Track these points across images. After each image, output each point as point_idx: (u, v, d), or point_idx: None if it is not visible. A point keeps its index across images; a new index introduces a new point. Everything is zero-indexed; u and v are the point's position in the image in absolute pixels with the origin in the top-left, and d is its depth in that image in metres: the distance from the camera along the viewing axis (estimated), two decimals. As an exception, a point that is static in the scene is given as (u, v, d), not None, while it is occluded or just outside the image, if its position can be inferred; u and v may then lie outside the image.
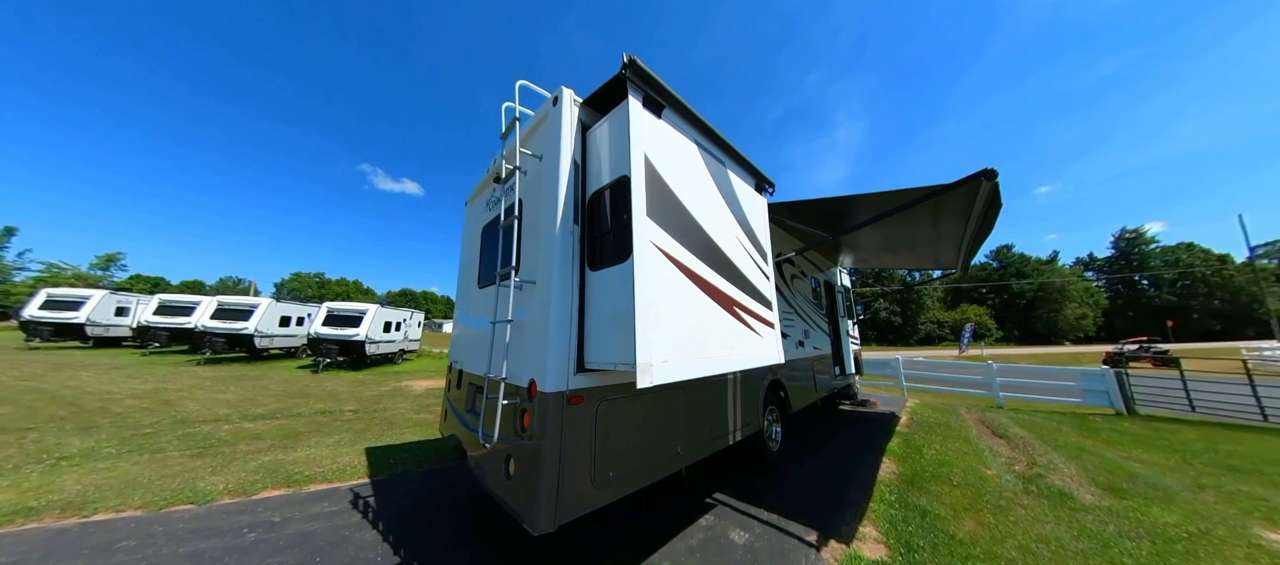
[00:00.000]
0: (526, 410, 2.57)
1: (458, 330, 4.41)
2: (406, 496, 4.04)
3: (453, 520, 3.60)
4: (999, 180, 2.90)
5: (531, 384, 2.57)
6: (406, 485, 4.32)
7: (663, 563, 2.89)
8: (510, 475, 2.59)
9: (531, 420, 2.53)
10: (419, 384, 12.53)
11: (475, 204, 4.49)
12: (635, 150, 2.37)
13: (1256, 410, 7.76)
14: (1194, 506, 4.01)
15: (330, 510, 3.72)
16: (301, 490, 4.12)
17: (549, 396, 2.44)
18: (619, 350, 2.28)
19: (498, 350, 2.78)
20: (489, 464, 2.89)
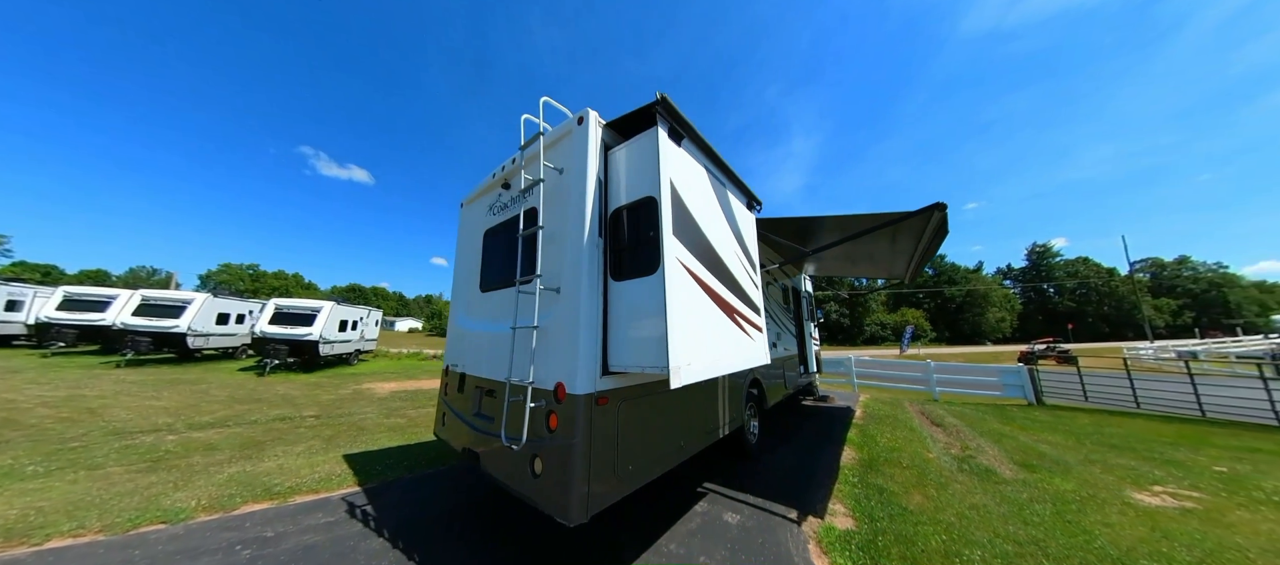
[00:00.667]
0: (553, 412, 2.70)
1: (456, 333, 4.35)
2: (405, 503, 3.99)
3: (460, 523, 3.62)
4: (947, 212, 3.54)
5: (559, 387, 2.71)
6: (402, 491, 4.28)
7: (658, 562, 3.03)
8: (537, 474, 2.71)
9: (559, 421, 2.66)
10: (382, 386, 12.06)
11: (474, 207, 4.47)
12: (663, 176, 2.66)
13: (1132, 400, 9.36)
14: (1085, 476, 4.94)
15: (326, 521, 3.59)
16: (287, 503, 3.93)
17: (579, 398, 2.60)
18: (649, 355, 2.54)
19: (523, 354, 2.89)
20: (511, 464, 2.96)
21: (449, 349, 4.39)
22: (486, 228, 4.16)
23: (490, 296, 3.95)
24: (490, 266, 4.08)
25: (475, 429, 3.49)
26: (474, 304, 4.18)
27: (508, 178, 3.79)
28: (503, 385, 3.20)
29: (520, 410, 2.75)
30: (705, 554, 3.09)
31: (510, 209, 3.79)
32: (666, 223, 2.61)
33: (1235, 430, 7.22)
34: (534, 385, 2.77)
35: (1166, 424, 7.80)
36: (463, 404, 3.80)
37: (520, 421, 2.71)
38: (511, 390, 2.89)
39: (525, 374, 2.81)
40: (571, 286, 2.82)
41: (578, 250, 2.83)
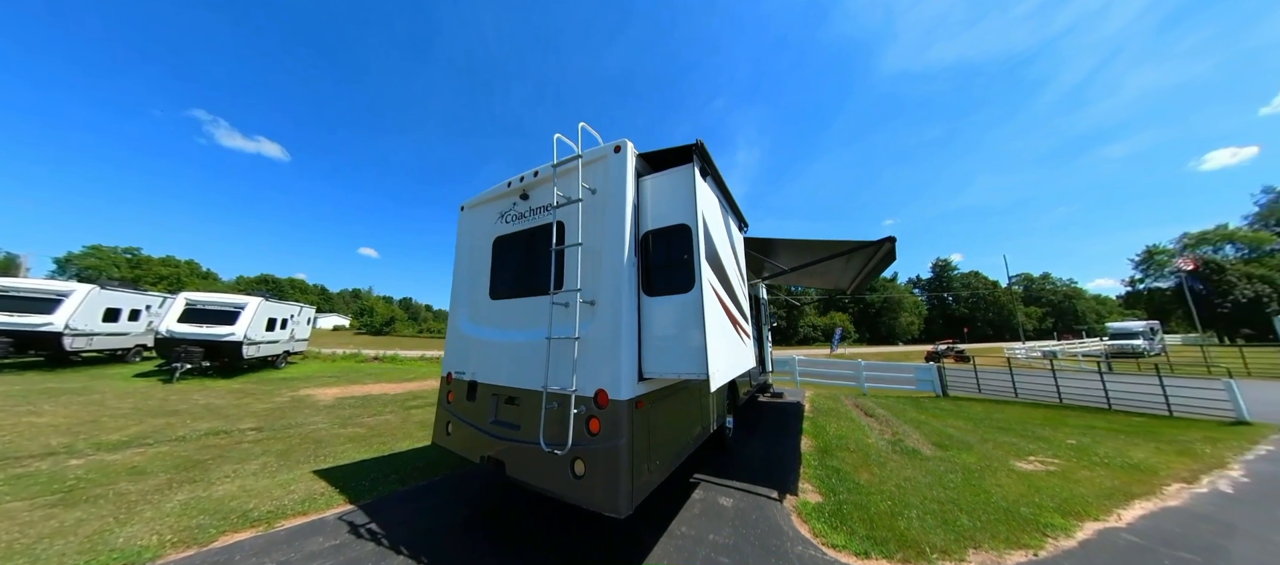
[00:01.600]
0: (594, 416, 2.91)
1: (460, 339, 4.26)
2: (412, 517, 3.86)
3: (479, 531, 3.63)
4: (895, 244, 4.46)
5: (600, 393, 2.92)
6: (403, 505, 4.11)
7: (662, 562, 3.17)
8: (579, 475, 2.87)
9: (601, 425, 2.87)
10: (323, 393, 11.24)
11: (479, 212, 4.46)
12: (697, 208, 3.11)
13: (1012, 391, 11.52)
14: (982, 451, 6.23)
15: (330, 545, 3.35)
16: (274, 528, 3.61)
17: (623, 404, 2.85)
18: (690, 362, 2.93)
19: (563, 363, 3.05)
20: (546, 467, 3.04)
21: (451, 356, 4.31)
22: (497, 235, 4.20)
23: (503, 304, 4.01)
24: (502, 274, 4.13)
25: (495, 436, 3.52)
26: (482, 311, 4.19)
27: (527, 189, 3.93)
28: (526, 393, 3.36)
29: (562, 417, 2.92)
30: (713, 532, 3.61)
31: (529, 220, 3.91)
32: (701, 248, 3.07)
33: (1081, 412, 9.27)
34: (576, 392, 2.94)
35: (1036, 409, 9.78)
36: (474, 412, 3.79)
37: (565, 427, 2.88)
38: (549, 397, 3.04)
39: (567, 382, 2.98)
40: (612, 300, 3.08)
41: (618, 267, 3.11)
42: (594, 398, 2.95)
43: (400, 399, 10.73)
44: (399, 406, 9.58)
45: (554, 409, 3.03)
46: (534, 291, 3.75)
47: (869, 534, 3.62)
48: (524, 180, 3.99)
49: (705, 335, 2.90)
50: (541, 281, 3.65)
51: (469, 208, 4.62)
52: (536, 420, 3.11)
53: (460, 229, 4.67)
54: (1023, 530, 3.72)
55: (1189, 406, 8.60)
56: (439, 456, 5.52)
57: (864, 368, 13.49)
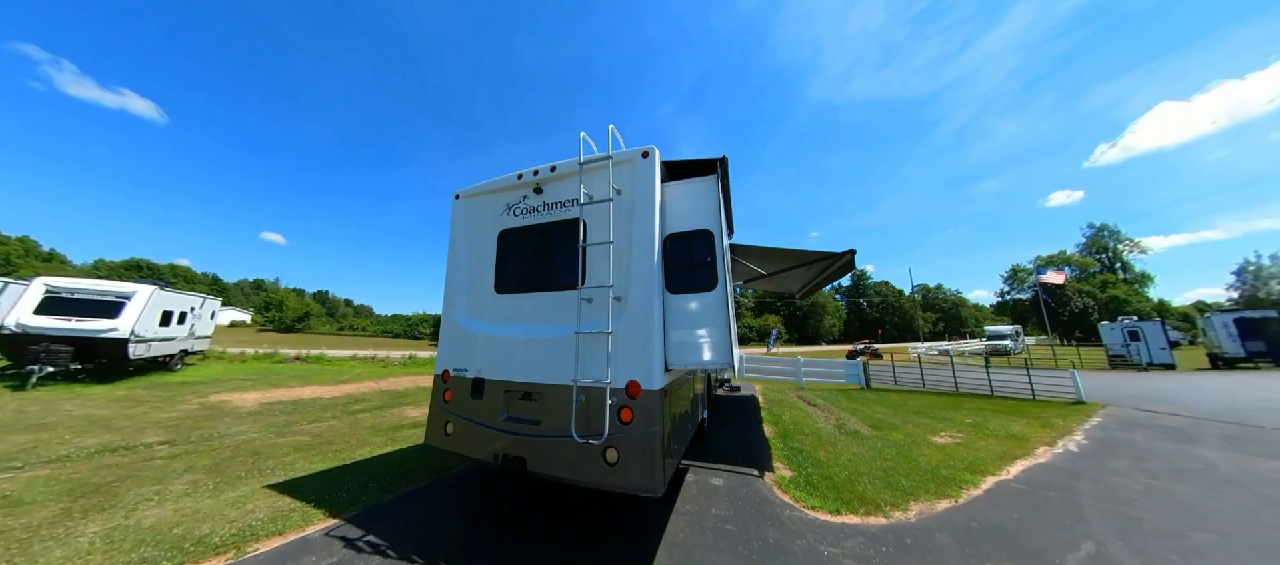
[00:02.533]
0: (625, 407, 3.05)
1: (460, 335, 4.06)
2: (412, 523, 3.68)
3: (489, 529, 3.61)
4: (855, 256, 5.32)
5: (631, 384, 3.07)
6: (399, 512, 3.91)
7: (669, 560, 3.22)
8: (612, 463, 2.99)
9: (634, 414, 3.01)
10: (243, 398, 9.98)
11: (481, 203, 4.31)
12: (719, 216, 3.49)
13: (920, 382, 13.59)
14: (907, 430, 7.46)
15: (331, 562, 3.11)
16: (248, 554, 3.23)
17: (655, 393, 3.04)
18: (715, 355, 3.27)
19: (594, 357, 3.17)
20: (575, 459, 3.10)
21: (448, 353, 4.08)
22: (505, 228, 4.11)
23: (512, 299, 3.95)
24: (510, 268, 4.05)
25: (511, 433, 3.48)
26: (485, 305, 4.07)
27: (542, 183, 3.94)
28: (547, 387, 3.37)
29: (595, 408, 3.05)
30: (713, 507, 4.10)
31: (543, 214, 3.92)
32: (722, 252, 3.47)
33: (973, 398, 11.26)
34: (611, 385, 3.06)
35: (940, 397, 11.67)
36: (482, 410, 3.68)
37: (600, 419, 3.02)
38: (579, 391, 3.12)
39: (601, 375, 3.09)
40: (644, 297, 3.26)
41: (648, 266, 3.30)
42: (625, 389, 3.09)
43: (340, 403, 9.97)
44: (341, 411, 8.94)
45: (583, 402, 3.11)
46: (549, 286, 3.79)
47: (836, 497, 4.35)
48: (538, 174, 3.99)
49: (730, 330, 3.33)
50: (558, 276, 3.73)
51: (467, 197, 4.41)
52: (560, 414, 3.21)
53: (456, 219, 4.42)
54: (945, 486, 4.69)
55: (1046, 391, 10.88)
56: (420, 461, 5.39)
57: (803, 364, 15.02)
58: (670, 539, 3.46)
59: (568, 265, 3.67)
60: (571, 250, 3.65)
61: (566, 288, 3.63)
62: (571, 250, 3.65)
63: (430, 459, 5.42)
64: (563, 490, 4.18)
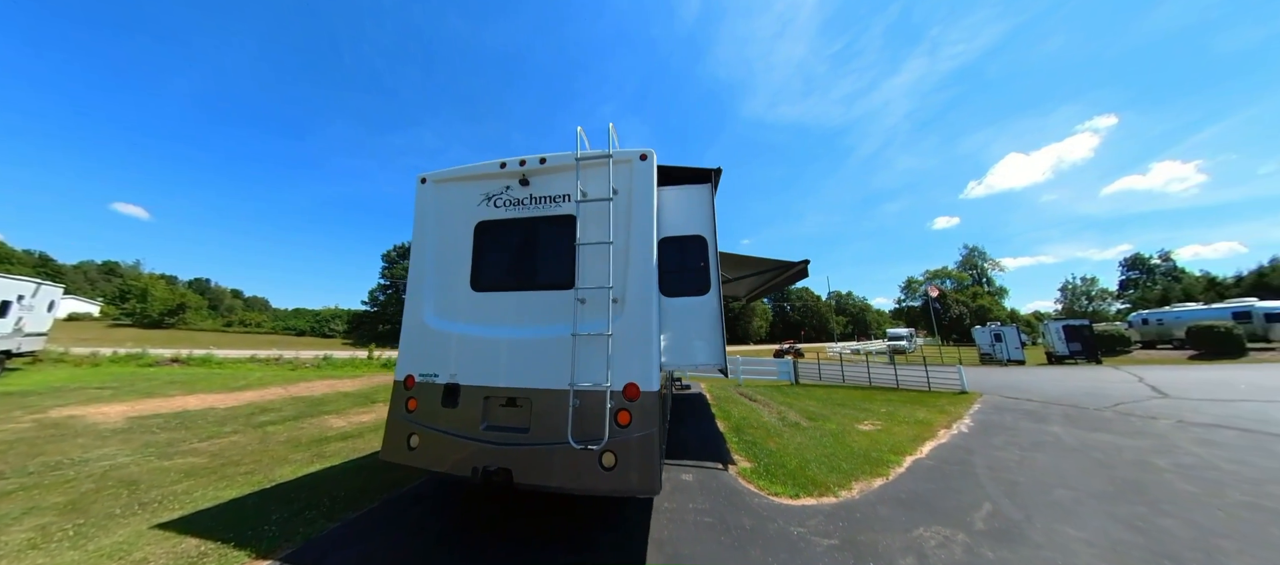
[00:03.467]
0: (623, 409, 3.02)
1: (428, 337, 3.69)
2: (373, 552, 3.31)
3: (465, 547, 3.41)
4: (807, 266, 5.90)
5: (629, 386, 3.06)
6: (353, 542, 3.44)
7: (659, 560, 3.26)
8: (609, 467, 2.94)
9: (631, 416, 2.99)
10: (102, 411, 8.22)
11: (454, 190, 3.95)
12: (713, 223, 3.67)
13: (841, 377, 15.26)
14: (837, 420, 8.39)
15: None
16: None
17: (652, 394, 3.05)
18: (708, 356, 3.43)
19: (592, 360, 3.09)
20: (569, 466, 3.00)
21: (413, 356, 3.69)
22: (483, 219, 3.84)
23: (492, 298, 3.71)
24: (490, 264, 3.81)
25: (494, 444, 3.24)
26: (460, 304, 3.75)
27: (529, 175, 3.73)
28: (536, 392, 3.22)
29: (593, 412, 2.98)
30: (690, 501, 4.30)
31: (529, 208, 3.74)
32: (714, 256, 3.64)
33: (884, 391, 12.92)
34: (610, 388, 3.01)
35: (857, 390, 13.21)
36: (457, 419, 3.37)
37: (599, 423, 2.96)
38: (576, 395, 3.03)
39: (600, 378, 3.03)
40: (642, 299, 3.26)
41: (646, 269, 3.30)
42: (622, 391, 3.08)
43: (241, 414, 8.70)
44: (244, 424, 7.79)
45: (578, 406, 3.03)
46: (535, 285, 3.64)
47: (793, 482, 4.82)
48: (525, 165, 3.75)
49: (722, 332, 3.53)
50: (547, 275, 3.62)
51: (436, 182, 4.02)
52: (551, 420, 3.11)
53: (422, 206, 4.02)
54: (876, 466, 5.41)
55: (938, 383, 12.84)
56: (365, 478, 4.84)
57: (741, 363, 16.08)
58: (656, 537, 3.57)
59: (558, 263, 3.57)
60: (562, 248, 3.55)
61: (557, 287, 3.51)
62: (562, 248, 3.55)
63: (377, 475, 4.90)
64: (541, 498, 4.07)
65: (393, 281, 56.54)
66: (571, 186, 3.57)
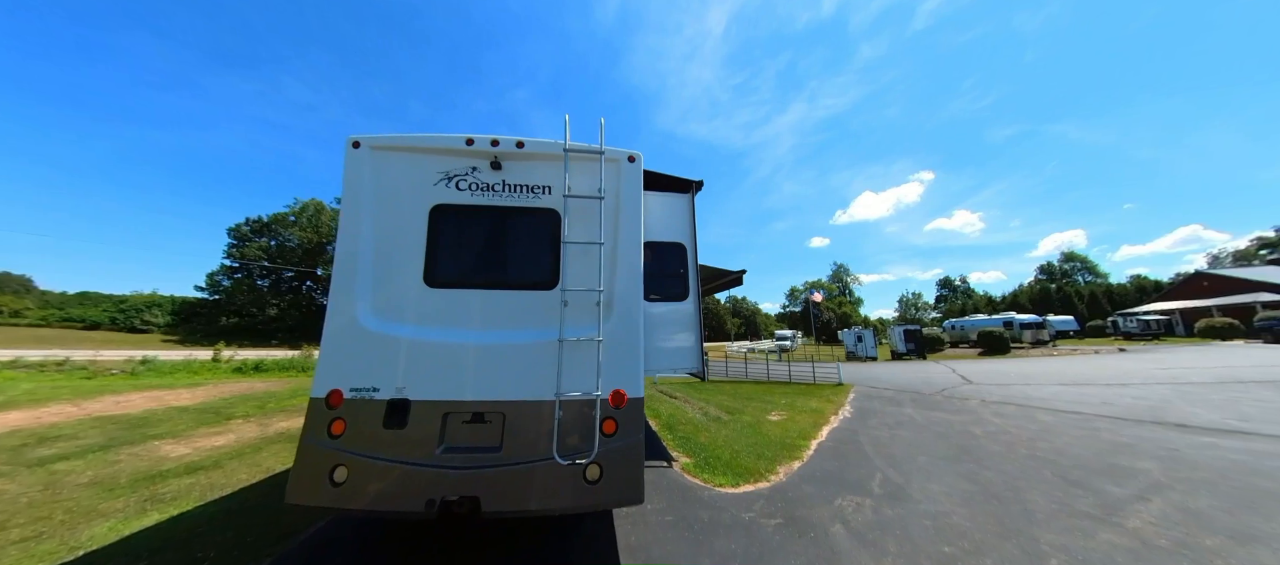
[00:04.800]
0: (609, 418, 2.90)
1: (368, 341, 3.05)
2: None
3: None
4: (744, 275, 6.54)
5: (615, 393, 2.96)
6: None
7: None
8: (593, 481, 2.81)
9: (617, 426, 2.89)
10: None
11: (402, 162, 3.37)
12: (693, 231, 3.79)
13: (744, 373, 16.96)
14: (752, 412, 9.37)
15: None
16: None
17: (638, 401, 3.00)
18: (686, 361, 3.52)
19: (581, 367, 2.95)
20: (550, 485, 2.81)
21: (344, 366, 2.99)
22: (441, 202, 3.35)
23: (452, 296, 3.23)
24: (449, 255, 3.35)
25: (457, 468, 2.82)
26: (411, 302, 3.20)
27: (501, 158, 3.39)
28: (509, 405, 2.96)
29: (578, 424, 2.84)
30: (649, 502, 4.39)
31: (501, 196, 3.38)
32: (693, 264, 3.79)
33: (780, 385, 14.73)
34: (599, 396, 2.89)
35: (758, 384, 14.84)
36: (405, 444, 2.87)
37: (588, 434, 2.82)
38: (566, 406, 2.86)
39: (590, 386, 2.91)
40: (630, 303, 3.20)
41: (634, 273, 3.25)
42: (607, 399, 2.97)
43: (4, 447, 6.46)
44: (12, 461, 5.75)
45: (561, 418, 2.85)
46: (507, 283, 3.30)
47: (731, 472, 5.31)
48: (498, 146, 3.36)
49: (700, 338, 3.72)
50: (520, 272, 3.35)
51: (375, 149, 3.35)
52: (527, 436, 2.91)
53: (356, 177, 3.32)
54: (792, 451, 6.25)
55: (821, 377, 15.10)
56: (239, 531, 3.74)
57: (659, 364, 16.86)
58: (624, 543, 3.60)
59: (535, 260, 3.35)
60: (539, 243, 3.34)
61: (534, 287, 3.26)
62: (539, 243, 3.34)
63: (256, 521, 3.93)
64: (497, 525, 3.75)
65: (245, 263, 46.49)
66: (553, 178, 3.37)
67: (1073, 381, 12.99)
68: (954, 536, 3.57)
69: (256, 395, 12.03)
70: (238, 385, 14.38)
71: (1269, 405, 8.54)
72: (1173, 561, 3.21)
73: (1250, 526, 3.67)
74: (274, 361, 19.98)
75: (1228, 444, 6.07)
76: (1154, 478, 4.86)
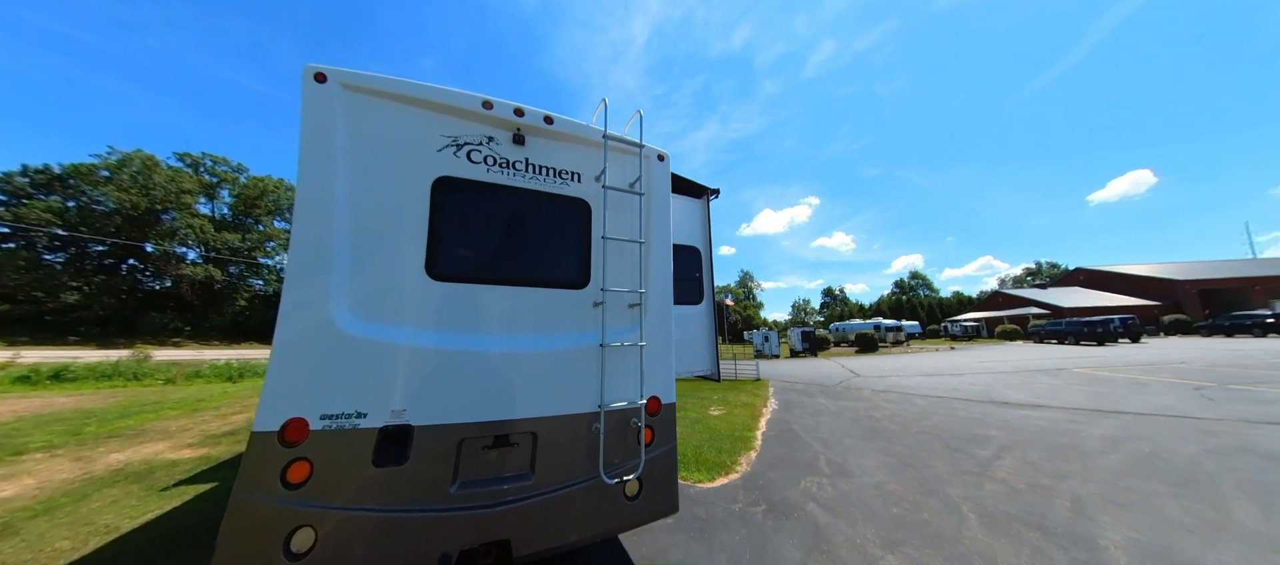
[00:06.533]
0: (646, 426, 2.78)
1: (349, 349, 2.35)
2: None
3: None
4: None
5: (652, 400, 2.88)
6: None
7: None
8: (632, 497, 2.70)
9: (654, 434, 2.80)
10: None
11: (398, 115, 2.68)
12: (707, 236, 3.96)
13: (674, 375, 17.94)
14: (694, 410, 9.97)
15: None
16: None
17: (671, 406, 2.98)
18: (701, 363, 3.67)
19: (624, 374, 2.81)
20: (590, 510, 2.62)
21: (308, 386, 2.25)
22: (446, 175, 2.76)
23: (464, 292, 2.70)
24: (460, 242, 2.84)
25: (479, 509, 2.41)
26: (409, 298, 2.58)
27: (525, 131, 2.96)
28: (541, 422, 2.65)
29: (620, 436, 2.69)
30: None
31: (525, 176, 2.95)
32: (708, 268, 3.96)
33: (710, 381, 15.82)
34: (642, 404, 2.78)
35: (688, 381, 15.73)
36: (406, 484, 2.32)
37: (632, 446, 2.68)
38: (609, 418, 2.69)
39: (634, 395, 2.77)
40: (664, 306, 3.15)
41: (666, 274, 3.20)
42: (644, 406, 2.84)
43: None
44: None
45: (598, 430, 2.68)
46: (530, 280, 2.91)
47: (703, 467, 5.67)
48: (522, 116, 2.92)
49: (715, 340, 3.89)
50: (544, 268, 3.03)
51: (350, 89, 2.58)
52: (564, 456, 2.66)
53: (318, 122, 2.49)
54: (744, 443, 6.89)
55: (742, 374, 16.62)
56: None
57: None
58: (636, 553, 3.58)
59: (563, 255, 3.07)
60: (566, 236, 3.07)
61: (562, 285, 2.98)
62: (566, 236, 3.07)
63: None
64: None
65: (22, 228, 34.84)
66: (581, 165, 3.10)
67: (928, 373, 16.27)
68: (895, 500, 4.40)
69: (64, 416, 9.06)
70: (27, 402, 10.74)
71: (1048, 386, 11.80)
72: (1032, 495, 4.41)
73: (1064, 469, 5.18)
74: (86, 367, 15.27)
75: (1036, 415, 8.32)
76: (1001, 442, 6.48)
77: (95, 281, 37.64)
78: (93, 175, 38.53)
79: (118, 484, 5.10)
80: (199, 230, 45.50)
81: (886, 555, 3.34)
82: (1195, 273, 51.36)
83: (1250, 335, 29.42)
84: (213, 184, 50.36)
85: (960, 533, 3.67)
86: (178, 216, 43.81)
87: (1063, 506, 4.13)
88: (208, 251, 46.31)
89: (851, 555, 3.35)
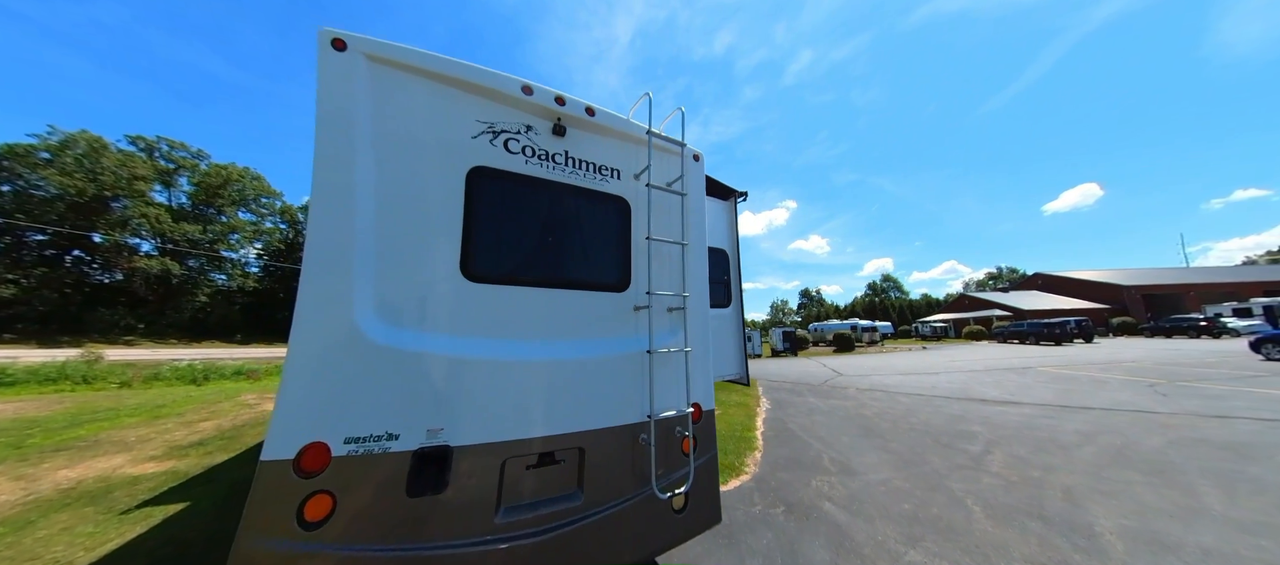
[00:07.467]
0: (687, 436, 2.68)
1: (380, 363, 2.07)
2: None
3: None
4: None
5: (696, 408, 2.77)
6: None
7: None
8: (679, 510, 2.60)
9: (695, 441, 2.68)
10: None
11: (424, 92, 2.39)
12: (736, 240, 3.98)
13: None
14: (690, 411, 10.09)
15: None
16: None
17: (711, 413, 2.88)
18: (731, 367, 3.65)
19: (670, 383, 2.70)
20: (647, 524, 2.52)
21: (326, 405, 1.96)
22: (482, 165, 2.50)
23: (502, 294, 2.47)
24: (497, 239, 2.58)
25: (527, 537, 2.19)
26: (444, 302, 2.32)
27: (566, 121, 2.77)
28: (588, 436, 2.50)
29: (667, 447, 2.59)
30: None
31: (566, 171, 2.78)
32: (736, 271, 3.97)
33: (698, 384, 16.01)
34: (688, 412, 2.70)
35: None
36: (446, 515, 2.07)
37: (681, 456, 2.59)
38: (660, 428, 2.57)
39: (681, 403, 2.69)
40: (703, 310, 3.05)
41: (704, 277, 3.12)
42: (689, 415, 2.73)
43: None
44: None
45: (644, 441, 2.56)
46: (570, 283, 2.73)
47: (709, 462, 5.78)
48: (563, 104, 2.72)
49: (743, 344, 3.89)
50: (583, 269, 2.83)
51: (375, 60, 2.28)
52: (612, 472, 2.51)
53: (340, 96, 2.18)
54: (748, 444, 7.02)
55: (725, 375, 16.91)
56: None
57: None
58: (664, 558, 3.55)
59: (603, 255, 2.90)
60: (605, 236, 2.92)
61: (604, 288, 2.83)
62: (605, 236, 2.92)
63: None
64: None
65: None
66: (620, 161, 2.96)
67: (905, 372, 16.96)
68: (904, 496, 4.59)
69: (2, 426, 7.84)
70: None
71: (1019, 384, 12.51)
72: (1026, 487, 4.68)
73: (1050, 462, 5.52)
74: (26, 369, 13.98)
75: (1012, 411, 8.81)
76: (987, 437, 6.85)
77: (35, 274, 34.62)
78: (30, 157, 35.40)
79: (69, 507, 4.34)
80: (154, 220, 42.58)
81: (909, 551, 3.48)
82: (1138, 279, 55.76)
83: (1187, 336, 32.13)
84: (170, 170, 47.24)
85: (970, 526, 3.87)
86: (130, 205, 40.90)
87: (1056, 497, 4.41)
88: (164, 243, 43.40)
89: (877, 553, 3.47)
